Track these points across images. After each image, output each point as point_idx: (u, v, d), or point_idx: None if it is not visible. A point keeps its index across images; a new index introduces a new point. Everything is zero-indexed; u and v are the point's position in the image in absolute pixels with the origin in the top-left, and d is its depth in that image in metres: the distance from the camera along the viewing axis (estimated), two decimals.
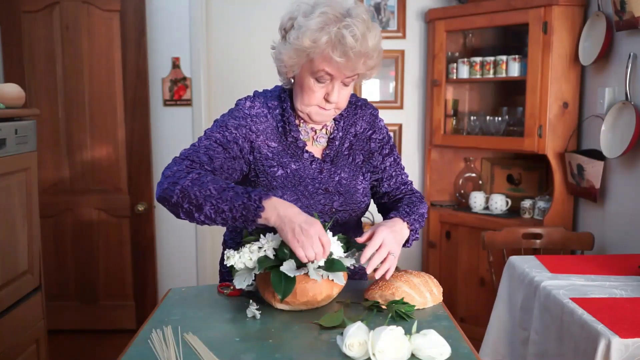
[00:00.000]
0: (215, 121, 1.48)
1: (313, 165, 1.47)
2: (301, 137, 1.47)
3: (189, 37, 3.40)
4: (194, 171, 1.28)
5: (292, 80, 1.46)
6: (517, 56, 3.01)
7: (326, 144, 1.51)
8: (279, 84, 1.52)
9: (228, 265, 1.28)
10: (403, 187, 1.60)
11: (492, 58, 3.09)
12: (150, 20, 3.35)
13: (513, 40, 3.21)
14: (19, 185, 2.14)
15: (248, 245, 1.30)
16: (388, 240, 1.33)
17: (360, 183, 1.51)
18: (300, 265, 1.25)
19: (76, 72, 3.26)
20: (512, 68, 3.02)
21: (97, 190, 3.37)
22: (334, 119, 1.52)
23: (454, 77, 3.25)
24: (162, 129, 3.46)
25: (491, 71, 3.10)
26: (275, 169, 1.44)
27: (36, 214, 2.27)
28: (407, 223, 1.43)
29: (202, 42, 3.41)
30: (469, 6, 3.09)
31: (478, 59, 3.13)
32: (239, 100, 1.51)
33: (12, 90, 2.15)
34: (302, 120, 1.48)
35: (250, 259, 1.27)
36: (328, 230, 1.33)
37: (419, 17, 3.45)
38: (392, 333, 1.04)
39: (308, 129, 1.49)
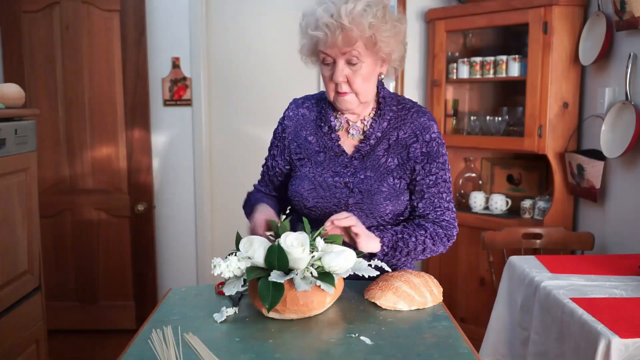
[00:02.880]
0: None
1: (339, 159, 1.51)
2: (335, 126, 1.54)
3: (189, 37, 3.40)
4: (253, 199, 1.65)
5: None
6: (517, 56, 3.01)
7: (360, 139, 1.53)
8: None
9: (215, 274, 1.25)
10: (432, 212, 1.51)
11: (492, 58, 3.09)
12: (150, 20, 3.34)
13: (513, 40, 3.21)
14: (19, 185, 2.14)
15: (238, 254, 1.26)
16: (354, 219, 1.38)
17: (386, 186, 1.48)
18: (289, 271, 1.22)
19: (76, 72, 3.26)
20: (512, 68, 3.02)
21: (97, 190, 3.37)
22: (373, 118, 1.53)
23: (454, 77, 3.24)
24: (162, 129, 3.46)
25: (491, 71, 3.10)
26: (304, 161, 1.55)
27: (36, 214, 2.27)
28: (383, 247, 1.43)
29: (202, 42, 3.41)
30: (469, 6, 3.09)
31: (478, 59, 3.13)
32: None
33: (12, 90, 2.15)
34: (338, 113, 1.55)
35: (239, 268, 1.25)
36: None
37: (419, 17, 3.45)
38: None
39: (342, 119, 1.55)
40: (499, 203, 3.18)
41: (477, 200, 3.25)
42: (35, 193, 2.26)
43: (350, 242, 1.37)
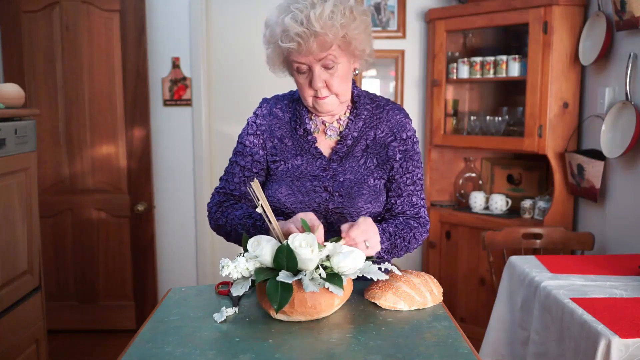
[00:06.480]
0: (238, 138, 1.57)
1: (317, 162, 1.47)
2: (311, 129, 1.50)
3: (189, 37, 3.40)
4: (219, 211, 1.52)
5: None
6: (517, 56, 3.01)
7: (337, 140, 1.50)
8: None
9: (223, 275, 1.24)
10: (410, 209, 1.52)
11: (492, 58, 3.09)
12: (150, 20, 3.35)
13: (513, 40, 3.21)
14: (19, 185, 2.14)
15: (246, 254, 1.26)
16: (371, 231, 1.30)
17: (366, 188, 1.47)
18: (297, 272, 1.22)
19: (76, 72, 3.26)
20: (512, 68, 3.02)
21: (97, 190, 3.37)
22: (349, 117, 1.51)
23: (454, 77, 3.24)
24: (162, 128, 3.46)
25: (491, 71, 3.10)
26: (278, 163, 1.50)
27: (36, 214, 2.27)
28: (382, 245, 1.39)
29: (202, 42, 3.41)
30: (469, 6, 3.09)
31: (478, 59, 3.13)
32: (252, 115, 1.58)
33: (12, 90, 2.15)
34: (313, 115, 1.52)
35: (247, 269, 1.24)
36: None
37: (419, 17, 3.45)
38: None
39: (318, 121, 1.51)
40: (499, 203, 3.18)
41: (477, 200, 3.25)
42: (35, 193, 2.26)
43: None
